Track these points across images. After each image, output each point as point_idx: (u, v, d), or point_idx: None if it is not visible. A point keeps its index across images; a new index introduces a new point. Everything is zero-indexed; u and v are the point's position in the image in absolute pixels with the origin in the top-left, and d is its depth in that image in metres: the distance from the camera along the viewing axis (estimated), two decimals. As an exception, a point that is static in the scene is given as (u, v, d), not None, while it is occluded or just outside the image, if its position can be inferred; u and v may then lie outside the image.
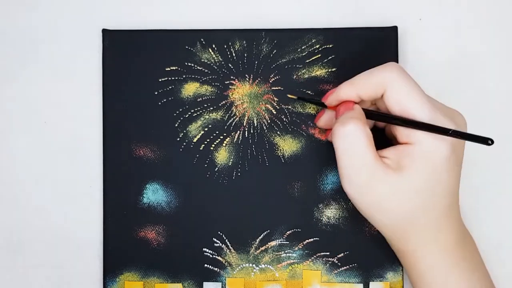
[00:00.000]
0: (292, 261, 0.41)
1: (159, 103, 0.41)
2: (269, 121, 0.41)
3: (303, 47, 0.41)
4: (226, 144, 0.41)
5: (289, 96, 0.40)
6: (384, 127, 0.38)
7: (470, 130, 0.41)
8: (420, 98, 0.33)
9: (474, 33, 0.42)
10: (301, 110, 0.41)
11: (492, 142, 0.31)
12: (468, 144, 0.38)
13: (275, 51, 0.41)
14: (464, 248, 0.35)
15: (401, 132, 0.34)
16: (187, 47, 0.41)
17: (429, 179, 0.33)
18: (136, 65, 0.41)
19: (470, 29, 0.42)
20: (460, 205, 0.41)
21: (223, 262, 0.41)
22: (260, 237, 0.41)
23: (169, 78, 0.41)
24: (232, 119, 0.41)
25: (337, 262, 0.41)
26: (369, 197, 0.34)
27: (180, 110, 0.41)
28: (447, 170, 0.33)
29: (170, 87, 0.41)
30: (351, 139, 0.33)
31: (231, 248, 0.41)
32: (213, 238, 0.41)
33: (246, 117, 0.41)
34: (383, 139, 0.37)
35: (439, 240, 0.34)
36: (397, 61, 0.41)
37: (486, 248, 0.41)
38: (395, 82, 0.33)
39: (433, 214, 0.34)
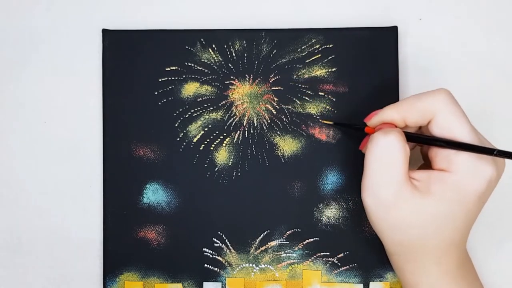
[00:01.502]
0: (292, 261, 0.41)
1: (159, 103, 0.41)
2: (269, 121, 0.41)
3: (303, 47, 0.41)
4: (226, 144, 0.41)
5: (323, 121, 0.40)
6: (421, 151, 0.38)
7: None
8: (466, 123, 0.33)
9: (474, 33, 0.42)
10: (301, 110, 0.41)
11: None
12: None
13: (275, 51, 0.41)
14: (464, 269, 0.35)
15: (441, 157, 0.33)
16: (187, 47, 0.41)
17: (454, 209, 0.32)
18: (136, 65, 0.41)
19: (470, 29, 0.42)
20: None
21: (223, 262, 0.41)
22: (260, 237, 0.41)
23: (169, 78, 0.41)
24: (232, 119, 0.41)
25: (337, 262, 0.41)
26: (387, 214, 0.33)
27: (180, 110, 0.41)
28: (475, 206, 0.33)
29: (170, 87, 0.41)
30: (390, 150, 0.32)
31: (231, 248, 0.41)
32: (213, 238, 0.41)
33: (246, 117, 0.41)
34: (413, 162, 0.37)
35: (442, 263, 0.34)
36: (397, 61, 0.41)
37: (487, 248, 0.41)
38: (444, 109, 0.33)
39: (447, 239, 0.33)
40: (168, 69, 0.41)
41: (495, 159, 0.33)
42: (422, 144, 0.35)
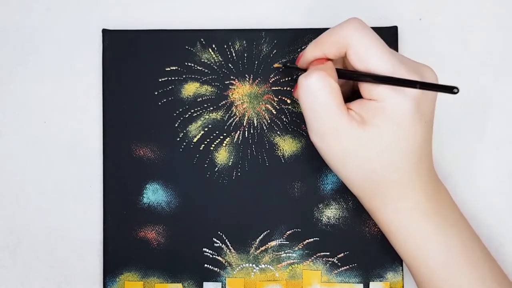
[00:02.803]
0: (292, 261, 0.41)
1: (159, 103, 0.41)
2: (269, 121, 0.41)
3: (303, 47, 0.41)
4: (226, 144, 0.41)
5: (275, 65, 0.40)
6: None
7: (466, 131, 0.41)
8: (382, 52, 0.32)
9: (474, 33, 0.42)
10: (301, 110, 0.41)
11: (458, 90, 0.29)
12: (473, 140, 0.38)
13: (275, 51, 0.41)
14: (437, 204, 0.34)
15: (364, 88, 0.33)
16: (187, 47, 0.41)
17: (393, 136, 0.32)
18: (136, 65, 0.41)
19: (470, 29, 0.42)
20: (460, 204, 0.42)
21: (223, 262, 0.41)
22: (260, 237, 0.41)
23: (169, 78, 0.41)
24: (232, 119, 0.41)
25: (337, 262, 0.41)
26: (335, 148, 0.33)
27: (180, 110, 0.41)
28: (412, 127, 0.32)
29: (170, 87, 0.41)
30: (314, 90, 0.32)
31: (231, 248, 0.41)
32: (213, 238, 0.41)
33: (246, 117, 0.41)
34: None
35: (408, 197, 0.33)
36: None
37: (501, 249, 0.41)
38: (355, 38, 0.32)
39: (401, 170, 0.33)
40: (168, 69, 0.41)
41: (423, 73, 0.33)
42: (350, 79, 0.35)
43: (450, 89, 0.30)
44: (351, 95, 0.37)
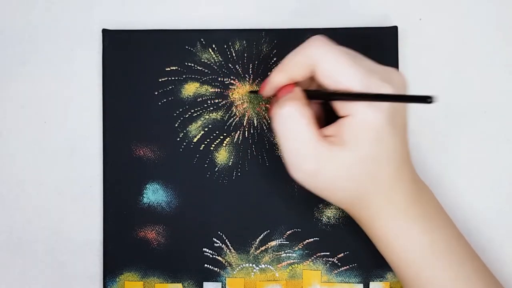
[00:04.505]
0: (292, 261, 0.41)
1: (159, 103, 0.41)
2: (269, 121, 0.41)
3: (303, 47, 0.41)
4: (226, 144, 0.41)
5: (250, 91, 0.40)
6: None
7: (466, 131, 0.41)
8: (350, 66, 0.32)
9: (474, 33, 0.42)
10: (301, 110, 0.41)
11: (431, 100, 0.28)
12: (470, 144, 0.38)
13: (275, 51, 0.41)
14: (421, 206, 0.34)
15: (337, 106, 0.33)
16: (187, 47, 0.41)
17: (372, 147, 0.32)
18: (136, 65, 0.41)
19: (470, 29, 0.42)
20: (460, 204, 0.41)
21: (223, 262, 0.41)
22: (260, 237, 0.41)
23: (169, 78, 0.41)
24: (232, 119, 0.41)
25: (337, 262, 0.41)
26: (319, 180, 0.33)
27: (180, 110, 0.41)
28: (388, 136, 0.32)
29: (170, 87, 0.41)
30: (290, 121, 0.32)
31: (231, 248, 0.41)
32: (213, 238, 0.41)
33: (246, 117, 0.41)
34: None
35: (393, 203, 0.34)
36: (397, 61, 0.41)
37: (488, 249, 0.41)
38: (320, 56, 0.32)
39: (382, 179, 0.33)
40: (168, 69, 0.41)
41: (392, 80, 0.32)
42: (321, 99, 0.35)
43: (424, 99, 0.28)
44: (322, 110, 0.37)
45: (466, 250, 0.35)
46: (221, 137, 0.41)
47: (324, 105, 0.37)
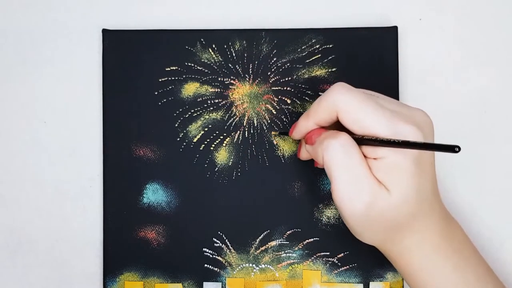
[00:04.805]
0: (292, 261, 0.41)
1: (159, 103, 0.41)
2: (269, 121, 0.41)
3: (303, 47, 0.41)
4: (226, 144, 0.41)
5: (273, 133, 0.40)
6: None
7: (466, 131, 0.41)
8: (374, 111, 0.32)
9: (474, 33, 0.42)
10: (301, 110, 0.41)
11: (459, 149, 0.28)
12: (469, 144, 0.38)
13: (275, 51, 0.41)
14: (452, 241, 0.35)
15: (365, 148, 0.33)
16: (187, 47, 0.41)
17: (408, 189, 0.32)
18: (136, 65, 0.41)
19: (470, 29, 0.42)
20: (461, 204, 0.41)
21: (223, 262, 0.41)
22: (260, 237, 0.41)
23: (169, 78, 0.41)
24: (232, 119, 0.41)
25: (337, 262, 0.41)
26: (370, 215, 0.33)
27: (180, 110, 0.41)
28: (420, 175, 0.32)
29: (170, 87, 0.41)
30: (347, 151, 0.32)
31: (231, 248, 0.41)
32: (213, 238, 0.41)
33: (246, 117, 0.41)
34: None
35: (425, 238, 0.34)
36: (397, 61, 0.41)
37: (488, 249, 0.41)
38: (344, 102, 0.32)
39: (418, 218, 0.33)
40: (168, 69, 0.41)
41: (418, 122, 0.32)
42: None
43: (452, 149, 0.29)
44: None
45: (495, 284, 0.35)
46: (221, 137, 0.41)
47: None
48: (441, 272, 0.34)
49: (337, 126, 0.34)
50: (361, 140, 0.33)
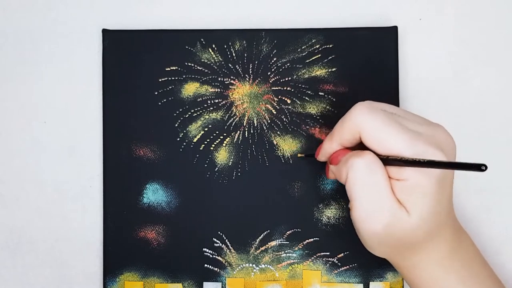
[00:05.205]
0: (292, 261, 0.41)
1: (159, 103, 0.41)
2: (269, 121, 0.41)
3: (303, 47, 0.41)
4: (226, 144, 0.41)
5: (299, 155, 0.40)
6: None
7: (466, 132, 0.41)
8: (396, 130, 0.32)
9: (474, 33, 0.42)
10: (301, 110, 0.41)
11: (486, 168, 0.28)
12: (467, 143, 0.38)
13: (275, 51, 0.41)
14: (462, 256, 0.35)
15: (390, 169, 0.33)
16: (187, 47, 0.41)
17: (429, 210, 0.32)
18: (136, 65, 0.41)
19: (470, 29, 0.42)
20: (463, 206, 0.41)
21: (223, 262, 0.41)
22: (260, 237, 0.41)
23: (169, 78, 0.41)
24: (232, 119, 0.41)
25: (337, 262, 0.41)
26: (388, 235, 0.33)
27: (180, 110, 0.41)
28: (440, 195, 0.33)
29: (170, 87, 0.41)
30: (372, 169, 0.32)
31: (231, 248, 0.41)
32: (213, 238, 0.41)
33: (246, 117, 0.41)
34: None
35: (436, 251, 0.34)
36: (397, 61, 0.41)
37: (488, 250, 0.41)
38: (366, 123, 0.33)
39: (432, 236, 0.34)
40: (168, 69, 0.41)
41: (439, 140, 0.32)
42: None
43: (478, 167, 0.28)
44: None
45: None
46: (221, 137, 0.41)
47: None
48: (447, 284, 0.34)
49: (361, 146, 0.34)
50: (386, 160, 0.32)
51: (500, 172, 0.41)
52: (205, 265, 0.41)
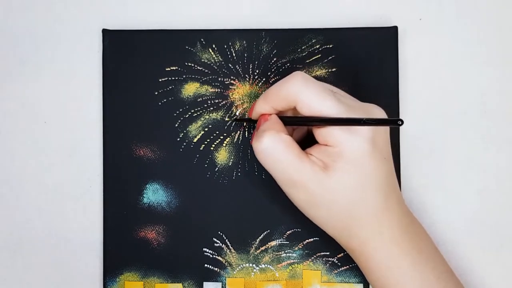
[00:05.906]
0: (292, 261, 0.41)
1: (159, 103, 0.41)
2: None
3: (303, 47, 0.41)
4: (226, 144, 0.41)
5: (226, 119, 0.41)
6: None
7: (466, 132, 0.41)
8: (331, 101, 0.33)
9: (474, 33, 0.42)
10: (301, 110, 0.41)
11: (402, 122, 0.31)
12: (475, 147, 0.38)
13: (275, 51, 0.41)
14: (412, 238, 0.35)
15: (318, 134, 0.34)
16: (187, 47, 0.41)
17: (357, 177, 0.33)
18: (136, 65, 0.41)
19: (470, 29, 0.42)
20: (460, 202, 0.42)
21: (223, 262, 0.41)
22: (260, 237, 0.41)
23: (169, 78, 0.41)
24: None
25: (337, 262, 0.41)
26: (304, 195, 0.34)
27: (180, 110, 0.41)
28: (372, 165, 0.33)
29: (170, 87, 0.41)
30: (270, 151, 0.34)
31: (231, 248, 0.41)
32: (213, 238, 0.41)
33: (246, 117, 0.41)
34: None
35: (382, 233, 0.34)
36: (397, 61, 0.41)
37: (488, 249, 0.41)
38: (302, 92, 0.33)
39: (370, 209, 0.34)
40: (168, 69, 0.41)
41: (370, 114, 0.34)
42: (299, 125, 0.37)
43: (395, 122, 0.31)
44: (306, 137, 0.38)
45: (456, 284, 0.35)
46: (221, 137, 0.41)
47: (308, 132, 0.38)
48: (400, 267, 0.34)
49: (294, 112, 0.36)
50: (308, 120, 0.34)
51: (500, 172, 0.41)
52: (205, 265, 0.41)
